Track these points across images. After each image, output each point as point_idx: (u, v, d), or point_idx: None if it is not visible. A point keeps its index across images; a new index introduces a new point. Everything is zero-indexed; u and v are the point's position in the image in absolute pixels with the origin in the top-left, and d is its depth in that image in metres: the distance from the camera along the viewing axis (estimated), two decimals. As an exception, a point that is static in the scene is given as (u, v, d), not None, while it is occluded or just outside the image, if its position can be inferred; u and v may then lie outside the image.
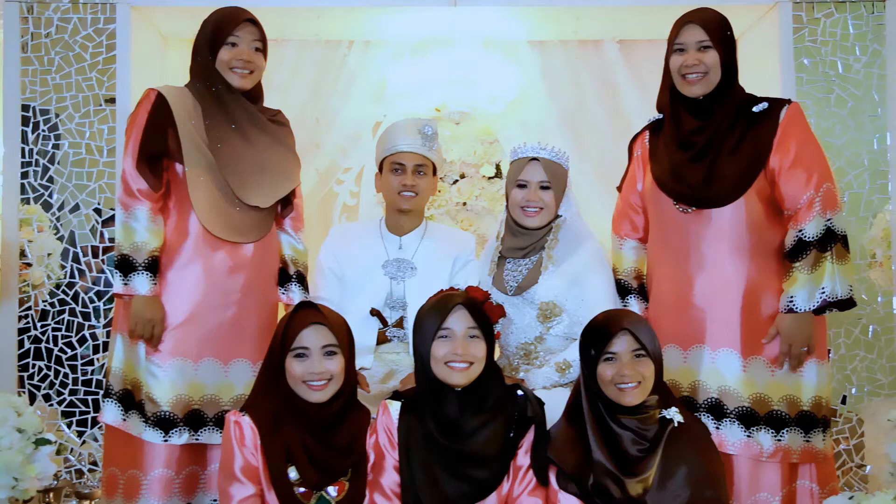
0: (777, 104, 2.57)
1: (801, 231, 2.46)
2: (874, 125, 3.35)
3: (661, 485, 2.12)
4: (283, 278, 2.80)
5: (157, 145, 2.57)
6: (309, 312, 2.23)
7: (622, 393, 2.18)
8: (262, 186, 2.68)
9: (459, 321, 2.23)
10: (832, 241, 2.44)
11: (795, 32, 3.34)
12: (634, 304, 2.71)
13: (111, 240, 3.23)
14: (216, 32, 2.65)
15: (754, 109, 2.56)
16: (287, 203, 2.81)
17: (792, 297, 2.46)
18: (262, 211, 2.69)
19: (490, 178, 3.70)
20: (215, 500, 2.55)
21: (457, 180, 3.71)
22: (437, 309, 2.26)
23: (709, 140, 2.55)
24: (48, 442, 2.20)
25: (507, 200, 2.79)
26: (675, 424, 2.20)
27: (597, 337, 2.23)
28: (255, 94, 2.75)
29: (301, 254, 2.85)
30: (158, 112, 2.57)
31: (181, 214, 2.61)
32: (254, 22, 2.69)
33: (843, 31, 3.35)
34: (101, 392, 2.67)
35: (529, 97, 3.71)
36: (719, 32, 2.57)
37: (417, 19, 3.52)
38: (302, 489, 2.14)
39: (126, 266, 2.53)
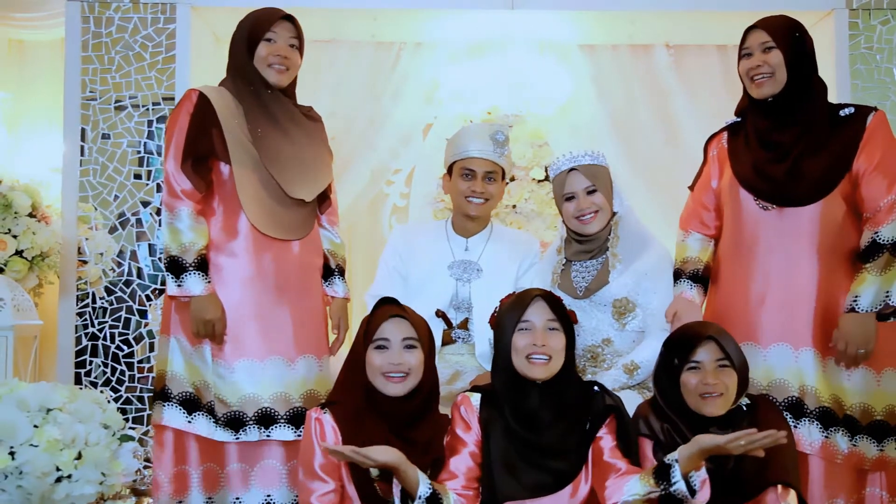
0: (864, 109, 2.60)
1: (876, 233, 2.47)
2: (928, 132, 3.36)
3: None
4: (326, 272, 2.82)
5: (202, 145, 2.57)
6: (391, 307, 2.28)
7: (704, 402, 2.19)
8: (305, 181, 2.70)
9: (539, 313, 2.27)
10: None
11: (851, 39, 3.37)
12: (686, 288, 2.70)
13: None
14: (254, 30, 2.66)
15: (841, 113, 2.59)
16: (324, 198, 2.82)
17: (857, 296, 2.46)
18: (306, 208, 2.71)
19: (539, 181, 3.71)
20: (238, 499, 2.56)
21: (507, 183, 3.72)
22: (517, 302, 2.29)
23: (793, 140, 2.57)
24: (131, 438, 2.22)
25: (562, 215, 2.80)
26: (744, 408, 2.23)
27: (681, 346, 2.24)
28: (290, 90, 2.76)
29: (339, 247, 2.87)
30: (202, 112, 2.58)
31: (229, 214, 2.61)
32: (290, 19, 2.70)
33: (900, 39, 3.37)
34: (154, 396, 2.63)
35: (580, 101, 3.72)
36: (783, 34, 2.59)
37: (472, 22, 3.54)
38: (382, 484, 2.15)
39: (176, 267, 2.54)
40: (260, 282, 2.59)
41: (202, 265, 2.53)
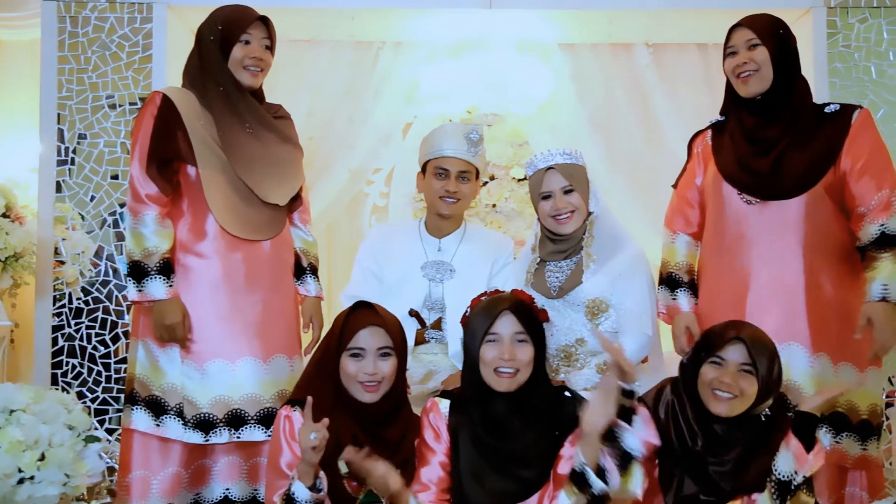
0: (849, 107, 2.62)
1: (883, 225, 2.47)
2: (907, 130, 3.36)
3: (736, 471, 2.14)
4: (298, 271, 2.81)
5: (167, 148, 2.55)
6: (367, 313, 2.26)
7: (713, 398, 2.18)
8: (280, 184, 2.69)
9: (507, 326, 2.24)
10: None
11: (829, 37, 3.36)
12: (684, 299, 2.71)
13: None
14: (229, 31, 2.63)
15: (826, 110, 2.61)
16: (296, 197, 2.80)
17: (885, 284, 2.43)
18: (276, 207, 2.69)
19: (520, 180, 3.71)
20: (228, 489, 2.57)
21: (486, 182, 3.72)
22: (486, 312, 2.27)
23: (777, 135, 2.58)
24: (97, 439, 2.21)
25: (538, 214, 2.80)
26: (763, 418, 2.19)
27: (714, 339, 2.22)
28: (259, 91, 2.74)
29: (311, 245, 2.86)
30: (165, 115, 2.55)
31: (197, 215, 2.59)
32: (264, 20, 2.68)
33: (877, 37, 3.37)
34: (124, 399, 2.62)
35: (560, 100, 3.71)
36: (768, 31, 2.61)
37: (451, 21, 3.54)
38: (352, 483, 2.16)
39: (138, 272, 2.51)
40: (230, 282, 2.58)
41: (165, 269, 2.52)
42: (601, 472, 2.07)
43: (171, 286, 2.52)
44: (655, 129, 3.69)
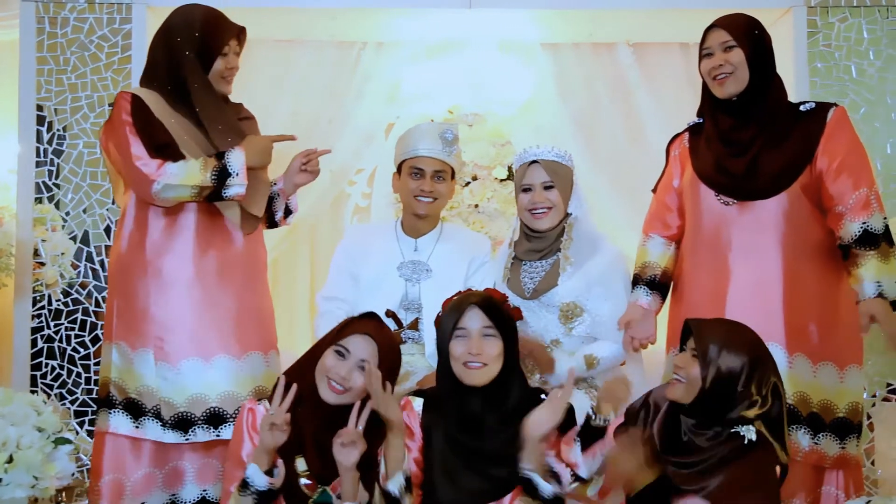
0: (824, 105, 2.61)
1: (865, 223, 2.46)
2: (887, 130, 3.35)
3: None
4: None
5: (158, 135, 2.52)
6: (372, 324, 2.31)
7: (671, 386, 2.17)
8: (255, 194, 2.64)
9: (474, 320, 2.26)
10: (891, 239, 2.48)
11: (809, 36, 3.35)
12: (642, 295, 2.69)
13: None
14: (211, 42, 2.60)
15: (802, 108, 2.60)
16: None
17: (879, 282, 2.43)
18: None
19: (502, 180, 3.70)
20: (205, 490, 2.57)
21: (469, 182, 3.71)
22: (454, 308, 2.30)
23: (752, 136, 2.58)
24: (67, 441, 2.21)
25: (517, 206, 2.80)
26: (746, 442, 2.08)
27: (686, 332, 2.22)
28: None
29: None
30: (140, 111, 2.53)
31: (170, 213, 2.59)
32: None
33: (858, 36, 3.35)
34: (98, 403, 2.63)
35: (542, 100, 3.71)
36: (744, 32, 2.60)
37: (432, 21, 3.52)
38: (307, 481, 2.18)
39: (222, 175, 2.52)
40: (203, 280, 2.58)
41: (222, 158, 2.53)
42: (555, 475, 2.08)
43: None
44: (638, 128, 3.68)
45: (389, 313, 2.80)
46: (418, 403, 2.31)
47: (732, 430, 2.09)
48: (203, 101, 2.60)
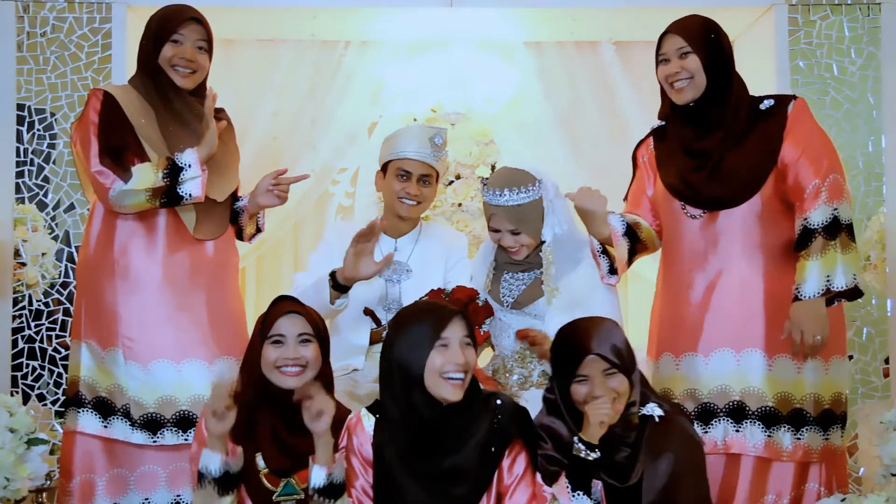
0: (784, 99, 2.59)
1: (805, 219, 2.44)
2: (869, 127, 3.35)
3: (643, 476, 2.11)
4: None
5: (115, 138, 2.52)
6: (286, 303, 2.30)
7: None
8: (218, 181, 2.64)
9: (455, 330, 2.13)
10: (838, 230, 2.42)
11: (791, 35, 3.34)
12: (616, 222, 2.65)
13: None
14: (160, 29, 2.60)
15: (761, 107, 2.58)
16: (237, 198, 2.81)
17: (798, 285, 2.43)
18: (218, 208, 2.67)
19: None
20: (179, 496, 2.56)
21: (452, 181, 3.71)
22: (434, 318, 2.14)
23: (715, 144, 2.55)
24: (41, 441, 2.20)
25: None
26: (656, 419, 2.19)
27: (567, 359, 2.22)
28: (199, 90, 2.69)
29: None
30: (110, 110, 2.53)
31: (139, 215, 2.57)
32: (199, 21, 2.64)
33: (839, 34, 3.35)
34: (66, 402, 2.63)
35: (525, 98, 3.71)
36: (699, 37, 2.57)
37: (414, 20, 3.52)
38: (270, 476, 2.19)
39: (174, 174, 2.50)
40: (174, 282, 2.57)
41: (175, 169, 2.51)
42: None
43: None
44: (621, 126, 3.67)
45: (367, 311, 2.79)
46: (370, 423, 2.16)
47: (640, 415, 2.21)
48: (166, 98, 2.60)
